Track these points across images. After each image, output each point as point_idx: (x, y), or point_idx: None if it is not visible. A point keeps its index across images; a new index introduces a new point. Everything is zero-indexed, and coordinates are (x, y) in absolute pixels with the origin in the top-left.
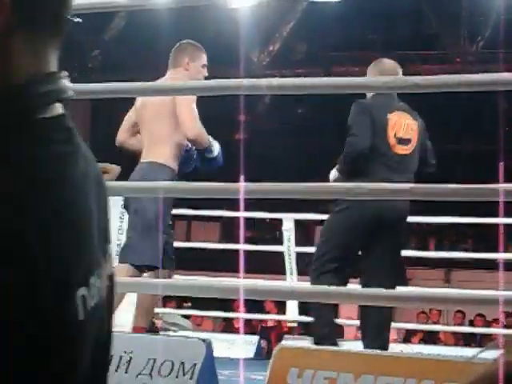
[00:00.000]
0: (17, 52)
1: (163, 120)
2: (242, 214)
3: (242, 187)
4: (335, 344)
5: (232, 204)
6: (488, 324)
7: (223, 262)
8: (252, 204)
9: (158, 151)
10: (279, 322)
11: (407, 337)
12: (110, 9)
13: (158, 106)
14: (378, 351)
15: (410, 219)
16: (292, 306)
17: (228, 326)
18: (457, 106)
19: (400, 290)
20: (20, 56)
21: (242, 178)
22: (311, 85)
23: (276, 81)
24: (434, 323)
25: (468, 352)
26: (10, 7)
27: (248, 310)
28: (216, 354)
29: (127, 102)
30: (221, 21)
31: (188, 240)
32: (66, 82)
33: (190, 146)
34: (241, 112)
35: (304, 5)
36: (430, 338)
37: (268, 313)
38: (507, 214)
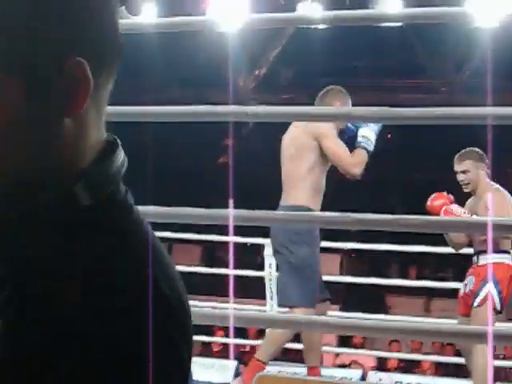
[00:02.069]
0: (90, 126)
1: (300, 160)
2: (226, 239)
3: (230, 214)
4: None
5: (213, 227)
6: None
7: (204, 286)
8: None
9: (296, 194)
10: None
11: (382, 365)
12: None
13: (294, 147)
14: (358, 381)
15: (392, 248)
16: None
17: (206, 350)
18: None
19: (379, 321)
20: (92, 130)
21: (230, 203)
22: (295, 113)
23: (261, 108)
24: (415, 351)
25: (447, 382)
26: (92, 83)
27: (227, 334)
28: (194, 377)
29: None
30: (208, 44)
31: None
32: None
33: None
34: (227, 136)
35: (291, 31)
36: (409, 366)
37: (255, 337)
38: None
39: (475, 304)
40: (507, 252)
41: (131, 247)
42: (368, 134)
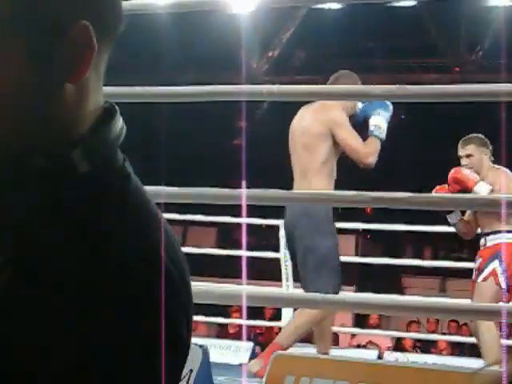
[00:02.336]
0: (90, 92)
1: (314, 151)
2: (240, 220)
3: (243, 193)
4: None
5: (228, 209)
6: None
7: (219, 268)
8: (248, 210)
9: (311, 186)
10: (274, 328)
11: (398, 345)
12: None
13: (307, 137)
14: (375, 360)
15: (407, 228)
16: (288, 313)
17: (223, 331)
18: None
19: (395, 298)
20: (92, 95)
21: (243, 184)
22: (311, 92)
23: (276, 87)
24: (432, 332)
25: (463, 362)
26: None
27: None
28: (210, 359)
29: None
30: (221, 26)
31: (184, 245)
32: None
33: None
34: (241, 118)
35: (304, 11)
36: (425, 346)
37: (271, 319)
38: None
39: (479, 280)
40: None
41: (134, 223)
42: (379, 122)
